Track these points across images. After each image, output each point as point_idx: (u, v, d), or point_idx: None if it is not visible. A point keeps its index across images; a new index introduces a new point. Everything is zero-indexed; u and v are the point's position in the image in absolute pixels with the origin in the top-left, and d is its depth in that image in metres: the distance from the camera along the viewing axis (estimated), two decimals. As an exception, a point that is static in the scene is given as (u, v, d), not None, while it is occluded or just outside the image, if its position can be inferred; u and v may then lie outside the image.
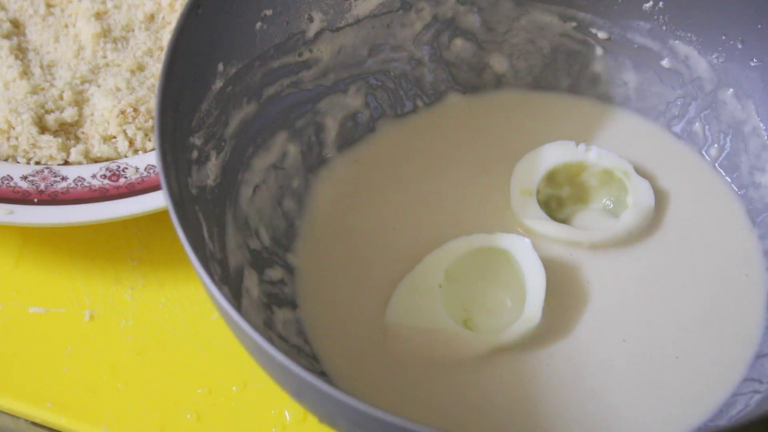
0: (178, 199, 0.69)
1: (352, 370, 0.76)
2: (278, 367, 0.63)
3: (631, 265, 0.82)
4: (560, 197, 0.85)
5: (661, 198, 0.85)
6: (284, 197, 0.83)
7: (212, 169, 0.76)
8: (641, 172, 0.85)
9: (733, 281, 0.81)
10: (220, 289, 0.65)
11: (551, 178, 0.85)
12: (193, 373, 0.81)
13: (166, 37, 0.94)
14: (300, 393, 0.66)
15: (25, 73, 0.92)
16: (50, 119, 0.89)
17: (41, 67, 0.93)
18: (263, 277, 0.78)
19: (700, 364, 0.77)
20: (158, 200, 0.83)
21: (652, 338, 0.78)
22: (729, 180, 0.86)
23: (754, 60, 0.83)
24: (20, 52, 0.93)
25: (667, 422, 0.74)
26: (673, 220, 0.84)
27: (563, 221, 0.84)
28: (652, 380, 0.76)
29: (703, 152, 0.87)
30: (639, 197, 0.83)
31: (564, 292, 0.80)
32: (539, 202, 0.83)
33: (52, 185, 0.86)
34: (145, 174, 0.86)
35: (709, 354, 0.77)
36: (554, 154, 0.85)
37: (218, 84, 0.77)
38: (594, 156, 0.84)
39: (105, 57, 0.93)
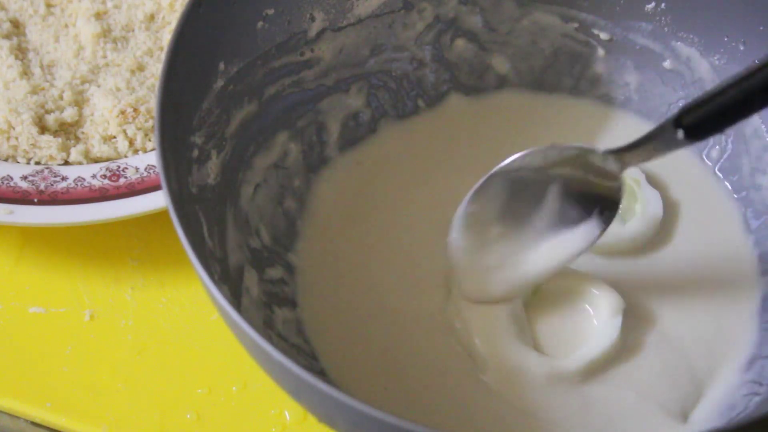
0: (178, 197, 0.69)
1: (351, 369, 0.76)
2: (277, 366, 0.63)
3: (631, 269, 0.82)
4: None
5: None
6: (285, 197, 0.83)
7: (213, 167, 0.76)
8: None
9: (730, 286, 0.81)
10: (219, 288, 0.65)
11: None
12: (193, 373, 0.81)
13: (166, 37, 0.94)
14: (299, 392, 0.66)
15: (25, 73, 0.92)
16: (50, 119, 0.89)
17: (41, 67, 0.93)
18: (263, 276, 0.78)
19: (697, 367, 0.77)
20: (158, 200, 0.83)
21: (650, 342, 0.78)
22: (728, 184, 0.86)
23: (756, 62, 0.83)
24: (20, 52, 0.93)
25: (666, 424, 0.74)
26: (672, 222, 0.84)
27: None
28: (651, 384, 0.76)
29: (704, 155, 0.87)
30: (648, 207, 0.83)
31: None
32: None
33: (52, 185, 0.86)
34: (145, 174, 0.86)
35: (707, 358, 0.77)
36: None
37: (219, 83, 0.77)
38: None
39: (105, 57, 0.93)
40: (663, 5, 0.85)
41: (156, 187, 0.85)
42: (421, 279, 0.81)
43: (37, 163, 0.88)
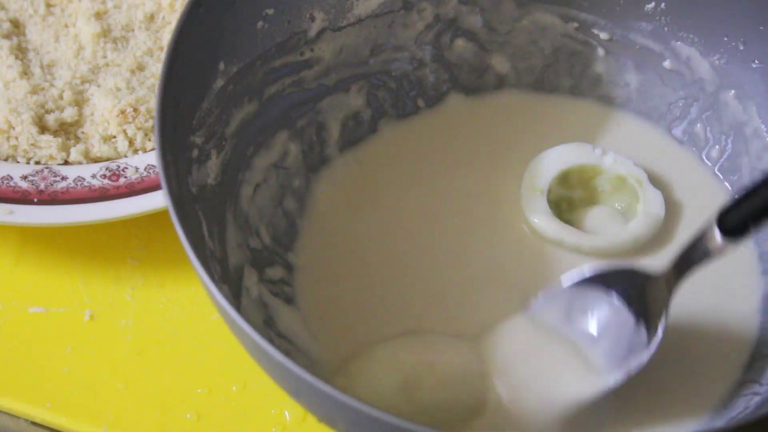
0: (178, 197, 0.69)
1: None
2: (277, 366, 0.63)
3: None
4: (571, 198, 0.85)
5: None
6: (285, 196, 0.83)
7: (213, 167, 0.76)
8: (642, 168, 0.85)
9: (730, 285, 0.81)
10: (219, 287, 0.65)
11: (564, 178, 0.84)
12: (193, 373, 0.80)
13: (166, 36, 0.94)
14: (299, 392, 0.66)
15: (25, 73, 0.92)
16: (50, 119, 0.88)
17: (41, 67, 0.93)
18: (263, 276, 0.78)
19: (698, 367, 0.77)
20: (158, 200, 0.83)
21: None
22: (727, 184, 0.86)
23: (756, 62, 0.83)
24: (20, 52, 0.93)
25: (666, 424, 0.74)
26: (672, 222, 0.84)
27: (571, 222, 0.83)
28: (650, 384, 0.76)
29: (704, 155, 0.87)
30: (649, 207, 0.83)
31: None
32: (549, 202, 0.83)
33: (52, 185, 0.85)
34: (145, 174, 0.86)
35: (707, 358, 0.77)
36: (570, 155, 0.85)
37: (219, 83, 0.77)
38: (609, 161, 0.84)
39: (105, 57, 0.93)
40: (663, 5, 0.85)
41: (156, 187, 0.85)
42: (422, 278, 0.81)
43: (37, 163, 0.88)
